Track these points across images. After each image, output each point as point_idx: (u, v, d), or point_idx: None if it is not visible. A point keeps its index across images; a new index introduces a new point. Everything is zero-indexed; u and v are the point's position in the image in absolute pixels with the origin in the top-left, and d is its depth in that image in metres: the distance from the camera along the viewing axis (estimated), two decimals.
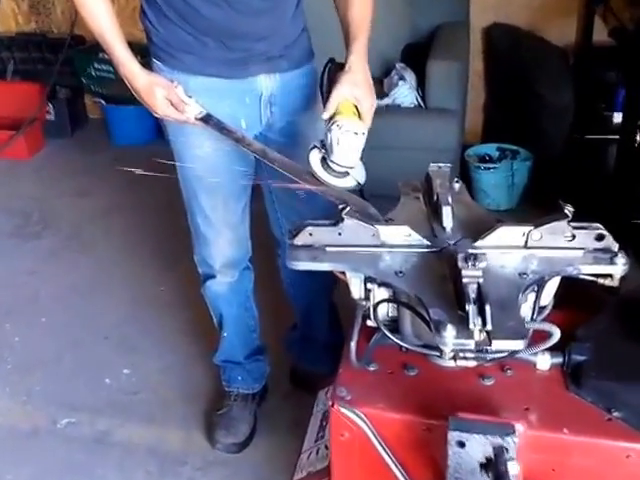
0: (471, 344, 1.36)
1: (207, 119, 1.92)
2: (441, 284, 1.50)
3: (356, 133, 1.71)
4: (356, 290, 1.63)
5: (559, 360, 1.60)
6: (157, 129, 4.16)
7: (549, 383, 1.62)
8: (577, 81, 3.84)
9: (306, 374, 2.68)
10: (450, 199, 1.71)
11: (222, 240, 2.25)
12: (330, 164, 1.73)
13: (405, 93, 3.93)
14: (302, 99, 2.10)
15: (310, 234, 1.58)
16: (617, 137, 3.42)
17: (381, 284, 1.58)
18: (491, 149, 4.02)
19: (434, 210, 1.74)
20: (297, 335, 2.74)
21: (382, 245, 1.60)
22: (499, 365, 1.58)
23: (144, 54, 2.04)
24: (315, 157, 1.76)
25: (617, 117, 3.72)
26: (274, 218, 2.37)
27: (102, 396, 2.82)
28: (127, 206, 4.12)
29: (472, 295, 1.39)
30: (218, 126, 1.91)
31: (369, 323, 1.65)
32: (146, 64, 1.99)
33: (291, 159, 1.91)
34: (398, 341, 1.61)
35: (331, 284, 2.34)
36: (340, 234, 1.58)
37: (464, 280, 1.41)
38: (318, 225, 1.59)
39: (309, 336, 2.66)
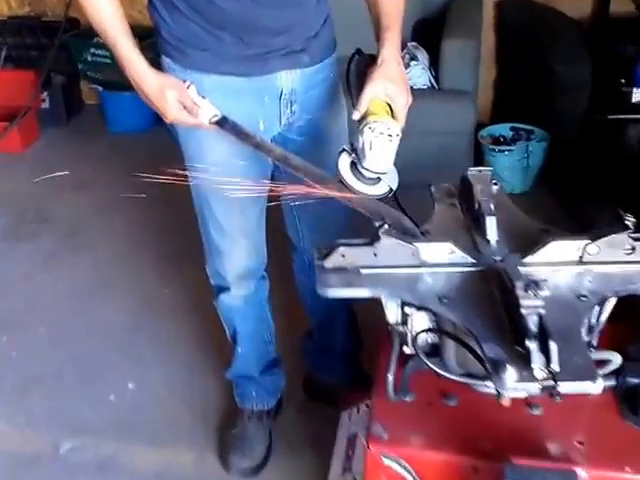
0: (535, 389, 1.23)
1: (222, 122, 1.77)
2: (491, 311, 1.36)
3: (390, 135, 1.55)
4: (392, 314, 1.51)
5: (612, 383, 1.49)
6: (155, 116, 3.95)
7: (602, 410, 1.51)
8: (594, 56, 3.68)
9: (322, 385, 2.59)
10: (492, 207, 1.58)
11: (237, 250, 2.12)
12: (361, 170, 1.58)
13: (418, 74, 3.82)
14: (324, 94, 1.96)
15: (343, 255, 1.46)
16: (637, 116, 3.35)
17: (421, 307, 1.47)
18: (504, 129, 3.91)
19: (474, 219, 1.62)
20: (313, 345, 2.61)
21: (422, 265, 1.48)
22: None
23: (143, 37, 1.83)
24: (344, 162, 1.60)
25: (637, 94, 3.60)
26: (291, 222, 2.24)
27: (106, 416, 2.67)
28: (126, 199, 3.90)
29: (533, 329, 1.25)
30: (235, 130, 1.76)
31: (406, 350, 1.54)
32: (147, 50, 1.79)
33: (312, 159, 1.77)
34: (444, 373, 1.49)
35: None
36: (376, 254, 1.46)
37: (523, 311, 1.26)
38: (351, 245, 1.48)
39: (326, 346, 2.54)
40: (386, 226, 1.45)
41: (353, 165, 1.59)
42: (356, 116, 1.63)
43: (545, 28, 3.88)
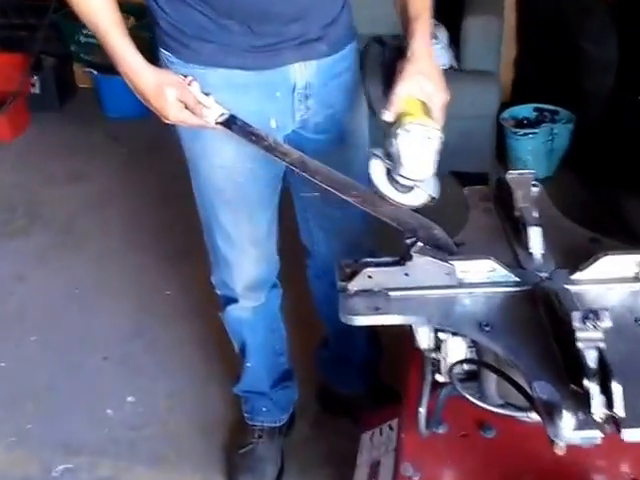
0: (597, 438, 1.11)
1: (230, 122, 1.64)
2: (540, 340, 1.25)
3: (430, 138, 1.42)
4: (424, 339, 1.42)
5: None
6: None
7: None
8: (622, 33, 3.56)
9: (338, 396, 2.50)
10: (536, 214, 1.48)
11: (246, 260, 2.01)
12: (397, 178, 1.44)
13: (437, 54, 3.64)
14: (344, 86, 1.83)
15: (369, 276, 1.35)
16: None
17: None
18: (527, 110, 3.80)
19: (515, 229, 1.51)
20: (329, 355, 2.49)
21: (460, 285, 1.37)
22: None
23: (136, 16, 1.68)
24: (378, 170, 1.47)
25: None
26: (305, 227, 2.13)
27: (103, 433, 2.55)
28: (125, 192, 3.86)
29: (592, 366, 1.13)
30: (244, 131, 1.63)
31: (439, 379, 1.44)
32: (143, 30, 1.65)
33: (332, 159, 1.68)
34: (484, 405, 1.38)
35: None
36: (407, 275, 1.35)
37: (579, 345, 1.14)
38: (379, 265, 1.37)
39: (343, 356, 2.43)
40: (419, 244, 1.34)
41: (387, 172, 1.46)
42: (388, 117, 1.49)
43: (572, 4, 3.74)
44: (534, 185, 1.57)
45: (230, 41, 1.67)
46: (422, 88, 1.51)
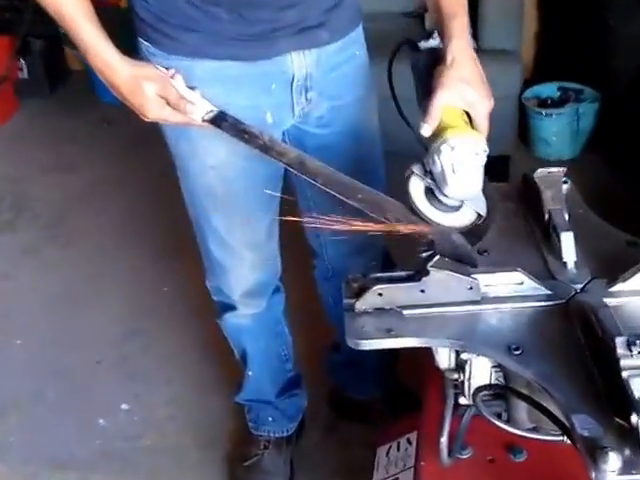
0: None
1: (219, 120, 1.52)
2: (577, 364, 1.15)
3: (476, 153, 1.31)
4: (444, 358, 1.34)
5: None
6: None
7: None
8: None
9: (352, 401, 2.44)
10: (567, 217, 1.38)
11: (243, 265, 1.91)
12: (441, 198, 1.34)
13: None
14: (350, 76, 1.72)
15: (379, 294, 1.25)
16: None
17: None
18: (551, 89, 3.73)
19: (544, 233, 1.41)
20: (340, 359, 2.39)
21: (484, 300, 1.25)
22: None
23: None
24: (418, 189, 1.36)
25: None
26: (311, 228, 2.00)
27: (95, 445, 2.46)
28: (120, 181, 3.77)
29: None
30: (235, 129, 1.51)
31: (462, 401, 1.37)
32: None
33: (338, 156, 1.60)
34: (514, 430, 1.28)
35: None
36: (423, 291, 1.24)
37: (624, 374, 1.04)
38: (391, 280, 1.26)
39: (356, 361, 2.31)
40: (437, 257, 1.22)
41: (429, 192, 1.35)
42: (427, 131, 1.38)
43: None
44: (564, 182, 1.47)
45: (218, 30, 1.55)
46: (463, 97, 1.40)
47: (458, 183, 1.29)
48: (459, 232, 1.35)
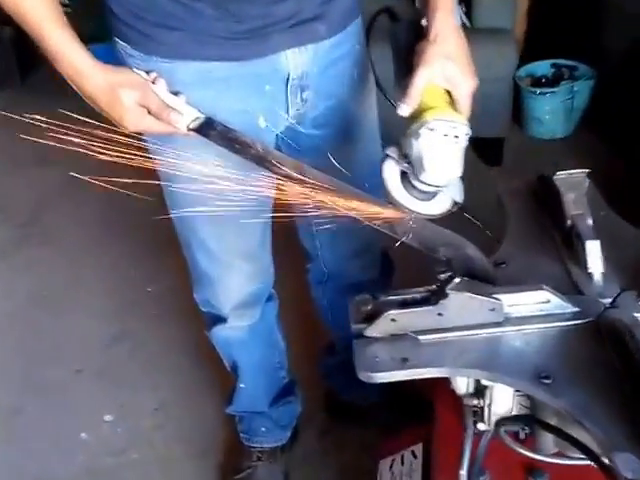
0: None
1: (207, 128, 1.39)
2: (614, 390, 1.05)
3: (457, 137, 1.21)
4: (461, 383, 1.25)
5: None
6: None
7: None
8: None
9: (347, 404, 2.35)
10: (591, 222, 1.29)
11: (234, 277, 1.80)
12: (417, 184, 1.23)
13: None
14: (348, 72, 1.60)
15: (393, 319, 1.14)
16: None
17: None
18: (545, 67, 3.70)
19: (565, 241, 1.32)
20: (336, 361, 2.30)
21: (507, 322, 1.15)
22: None
23: None
24: (393, 174, 1.26)
25: None
26: (306, 231, 1.92)
27: (77, 461, 2.35)
28: (98, 172, 3.52)
29: None
30: (224, 137, 1.38)
31: (481, 427, 1.27)
32: None
33: (336, 159, 1.44)
34: (539, 457, 1.25)
35: None
36: (441, 314, 1.14)
37: None
38: (404, 304, 1.15)
39: (352, 364, 2.13)
40: (457, 279, 1.11)
41: (404, 176, 1.25)
42: (405, 112, 1.27)
43: None
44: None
45: (204, 27, 1.40)
46: (446, 74, 1.30)
47: (437, 168, 1.20)
48: (432, 220, 1.27)
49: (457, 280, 1.11)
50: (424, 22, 1.36)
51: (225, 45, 1.41)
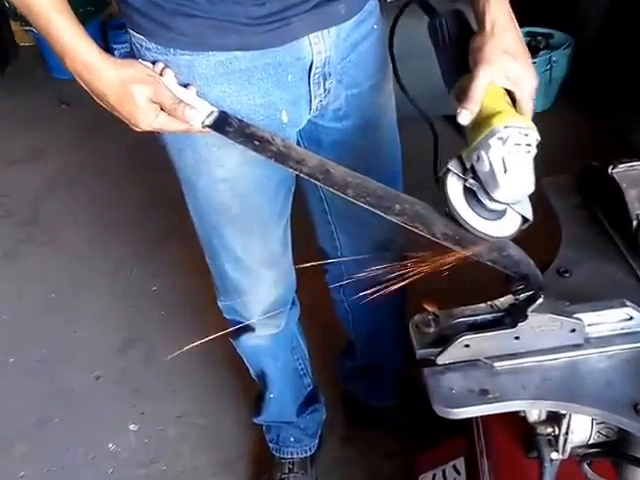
0: None
1: (223, 123, 1.29)
2: None
3: (529, 145, 1.07)
4: (534, 410, 1.14)
5: None
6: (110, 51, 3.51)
7: None
8: None
9: (367, 409, 2.28)
10: None
11: (262, 284, 1.71)
12: (487, 203, 1.10)
13: None
14: (370, 56, 1.49)
15: (467, 345, 1.04)
16: None
17: None
18: None
19: (630, 244, 1.23)
20: (355, 365, 2.23)
21: (588, 344, 1.06)
22: None
23: None
24: (457, 192, 1.12)
25: None
26: (326, 230, 1.82)
27: (108, 473, 2.27)
28: (94, 166, 3.58)
29: None
30: (243, 134, 1.28)
31: (554, 456, 1.16)
32: None
33: (358, 154, 1.43)
34: None
35: (404, 301, 1.94)
36: (518, 338, 1.04)
37: None
38: (474, 326, 1.06)
39: (374, 367, 2.18)
40: (540, 300, 1.00)
41: (468, 193, 1.12)
42: (467, 119, 1.14)
43: None
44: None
45: (223, 12, 1.29)
46: (508, 73, 1.17)
47: (511, 184, 1.06)
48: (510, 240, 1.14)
49: (540, 300, 1.00)
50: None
51: (246, 32, 1.30)
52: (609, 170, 1.25)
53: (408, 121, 1.64)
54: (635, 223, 1.19)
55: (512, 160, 1.05)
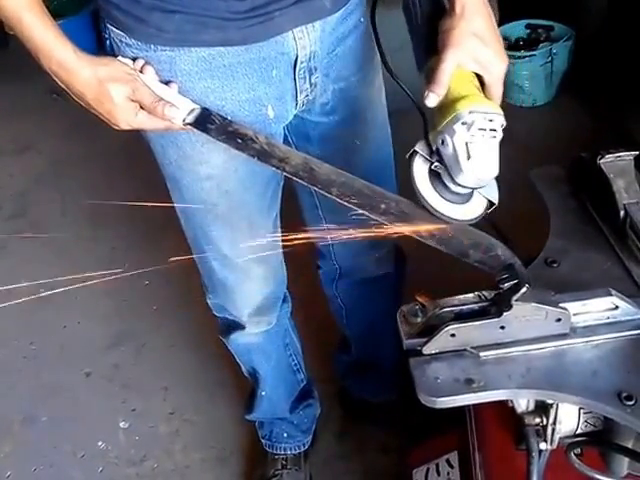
0: None
1: (204, 121, 1.30)
2: None
3: (494, 130, 1.10)
4: (522, 401, 1.18)
5: None
6: (99, 42, 3.49)
7: None
8: None
9: (364, 404, 2.31)
10: None
11: (251, 281, 1.72)
12: (452, 186, 1.14)
13: None
14: (356, 49, 1.50)
15: (452, 335, 1.07)
16: None
17: None
18: (519, 28, 3.59)
19: (618, 234, 1.25)
20: (351, 360, 2.27)
21: (573, 333, 1.08)
22: None
23: None
24: (422, 174, 1.16)
25: None
26: (317, 226, 1.82)
27: (98, 472, 2.31)
28: (83, 158, 3.58)
29: None
30: (225, 131, 1.30)
31: (542, 447, 1.19)
32: None
33: (347, 149, 1.46)
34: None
35: (399, 295, 1.97)
36: (503, 327, 1.06)
37: None
38: (460, 316, 1.08)
39: (369, 363, 2.22)
40: (524, 289, 1.03)
41: (434, 176, 1.15)
42: (433, 102, 1.16)
43: None
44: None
45: (204, 7, 1.29)
46: (476, 56, 1.19)
47: (475, 170, 1.09)
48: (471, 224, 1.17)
49: (524, 289, 1.03)
50: None
51: (228, 27, 1.31)
52: (597, 160, 1.27)
53: (400, 114, 1.67)
54: (622, 213, 1.21)
55: (476, 146, 1.08)
